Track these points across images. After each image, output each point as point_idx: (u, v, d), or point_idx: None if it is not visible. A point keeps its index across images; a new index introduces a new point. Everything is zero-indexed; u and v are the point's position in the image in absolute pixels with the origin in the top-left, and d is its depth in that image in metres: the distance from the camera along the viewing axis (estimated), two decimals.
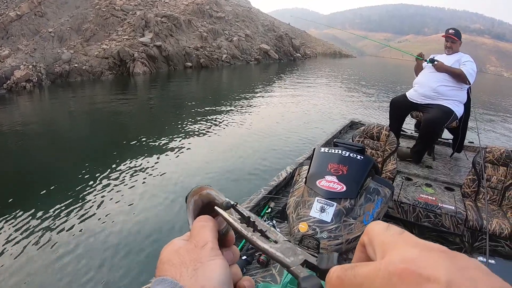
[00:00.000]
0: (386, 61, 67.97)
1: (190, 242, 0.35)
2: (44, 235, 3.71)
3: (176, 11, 26.58)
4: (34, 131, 8.48)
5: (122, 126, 9.03)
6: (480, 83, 40.68)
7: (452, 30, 3.68)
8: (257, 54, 30.13)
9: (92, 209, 4.28)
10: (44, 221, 3.99)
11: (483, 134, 9.35)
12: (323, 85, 18.38)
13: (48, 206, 4.32)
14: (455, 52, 3.66)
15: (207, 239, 0.35)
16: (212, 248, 0.34)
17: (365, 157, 2.17)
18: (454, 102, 3.45)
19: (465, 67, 3.41)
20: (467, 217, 2.38)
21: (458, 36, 3.63)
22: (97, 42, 19.69)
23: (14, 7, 18.41)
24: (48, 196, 4.63)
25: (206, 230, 0.36)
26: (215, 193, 0.41)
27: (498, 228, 2.28)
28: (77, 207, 4.32)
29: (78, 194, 4.66)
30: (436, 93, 3.48)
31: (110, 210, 4.25)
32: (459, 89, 3.47)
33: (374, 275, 0.22)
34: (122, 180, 5.11)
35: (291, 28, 50.51)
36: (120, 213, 4.18)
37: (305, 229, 1.87)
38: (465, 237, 2.39)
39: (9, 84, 14.33)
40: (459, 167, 3.61)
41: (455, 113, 3.43)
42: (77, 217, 4.10)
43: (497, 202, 2.67)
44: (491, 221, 2.34)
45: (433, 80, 3.52)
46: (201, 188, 0.41)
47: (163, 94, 14.34)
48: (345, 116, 9.67)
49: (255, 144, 6.99)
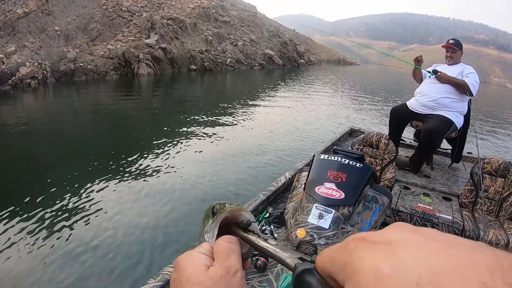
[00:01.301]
0: (390, 70, 68.05)
1: (221, 266, 0.34)
2: (40, 233, 3.73)
3: (182, 14, 26.74)
4: (38, 128, 8.52)
5: (125, 126, 9.07)
6: (483, 94, 40.66)
7: (452, 40, 3.67)
8: (261, 59, 30.24)
9: (91, 207, 4.30)
10: (42, 220, 4.01)
11: (482, 145, 9.35)
12: (325, 92, 18.41)
13: (48, 203, 4.34)
14: (456, 63, 3.66)
15: (238, 266, 0.35)
16: (241, 277, 0.34)
17: (364, 165, 2.18)
18: (455, 113, 3.46)
19: (468, 78, 3.40)
20: (464, 227, 2.39)
21: (459, 46, 3.63)
22: (103, 42, 19.82)
23: (21, 4, 18.57)
24: (48, 194, 4.65)
25: (235, 255, 0.36)
26: (249, 215, 0.42)
27: (495, 238, 2.29)
28: (76, 205, 4.34)
29: (79, 192, 4.68)
30: (437, 104, 3.49)
31: (108, 210, 4.27)
32: (460, 101, 3.48)
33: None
34: (122, 179, 5.14)
35: (296, 34, 50.72)
36: (118, 213, 4.20)
37: (303, 235, 1.88)
38: None
39: (14, 80, 14.43)
40: (457, 177, 3.62)
41: (455, 124, 3.45)
42: (76, 215, 4.12)
43: (494, 213, 2.68)
44: (488, 231, 2.35)
45: (435, 91, 3.53)
46: (239, 209, 0.42)
47: (167, 95, 14.39)
48: (346, 123, 9.68)
49: (254, 149, 7.01)
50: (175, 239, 3.68)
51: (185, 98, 13.72)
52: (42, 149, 6.96)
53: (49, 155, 6.54)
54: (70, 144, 7.28)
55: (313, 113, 11.67)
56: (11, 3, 18.57)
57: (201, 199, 4.61)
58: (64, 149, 6.88)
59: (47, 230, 3.78)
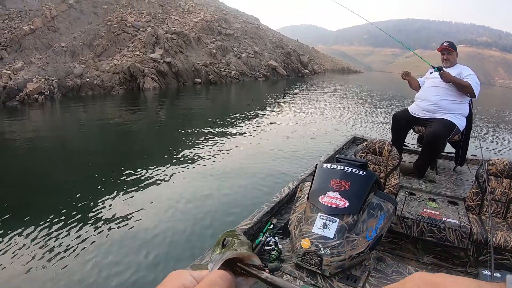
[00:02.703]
0: (393, 77, 67.98)
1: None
2: (47, 246, 3.75)
3: (186, 28, 27.08)
4: (45, 142, 8.62)
5: (131, 140, 9.13)
6: (488, 95, 40.41)
7: (447, 43, 3.67)
8: (266, 70, 30.40)
9: (97, 221, 4.31)
10: (46, 233, 4.03)
11: (486, 147, 9.26)
12: (329, 102, 18.42)
13: (56, 216, 4.37)
14: (453, 64, 3.63)
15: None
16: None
17: (367, 173, 2.16)
18: (456, 115, 3.44)
19: (469, 80, 3.39)
20: (471, 230, 2.35)
21: (454, 47, 3.62)
22: (109, 58, 20.10)
23: (28, 21, 18.99)
24: (55, 208, 4.68)
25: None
26: (256, 260, 0.43)
27: (503, 241, 2.25)
28: (83, 219, 4.36)
29: (86, 206, 4.70)
30: (437, 107, 3.47)
31: (114, 223, 4.28)
32: (461, 103, 3.45)
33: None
34: (128, 193, 5.16)
35: (299, 45, 51.03)
36: (125, 226, 4.21)
37: (308, 245, 1.86)
38: (470, 251, 2.36)
39: (22, 96, 14.67)
40: (462, 181, 3.57)
41: (457, 127, 3.42)
42: (82, 228, 4.13)
43: (502, 214, 2.64)
44: (496, 234, 2.30)
45: (434, 94, 3.51)
46: (249, 256, 0.43)
47: (173, 109, 14.50)
48: (350, 131, 9.66)
49: (258, 160, 7.00)
50: (176, 255, 3.66)
51: (191, 111, 13.81)
52: (49, 162, 7.03)
53: (56, 168, 6.59)
54: (77, 157, 7.33)
55: (316, 123, 11.65)
56: (17, 20, 18.98)
57: (207, 210, 4.61)
58: (71, 163, 6.94)
59: (53, 242, 3.79)
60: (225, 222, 4.16)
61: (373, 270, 1.94)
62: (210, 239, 3.81)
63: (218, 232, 3.52)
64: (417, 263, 2.28)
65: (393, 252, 2.38)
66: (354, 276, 1.87)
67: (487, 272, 1.78)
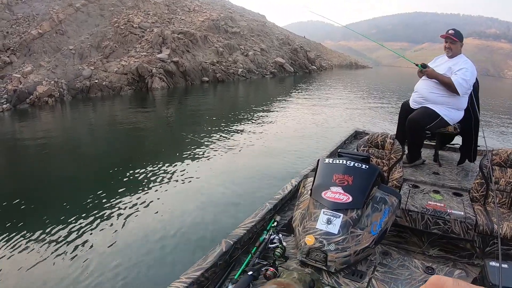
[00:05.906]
0: (402, 70, 67.18)
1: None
2: (57, 247, 3.81)
3: (192, 27, 27.14)
4: (56, 144, 8.76)
5: (141, 139, 9.21)
6: (497, 88, 39.79)
7: (452, 31, 3.49)
8: (273, 67, 30.30)
9: (107, 222, 4.37)
10: (56, 234, 4.09)
11: (493, 138, 9.16)
12: (337, 97, 18.30)
13: (65, 217, 4.44)
14: (456, 54, 3.47)
15: None
16: None
17: (370, 166, 2.14)
18: (445, 107, 3.39)
19: (455, 76, 3.26)
20: (477, 222, 2.32)
21: (459, 37, 3.44)
22: (116, 59, 20.26)
23: (36, 26, 19.23)
24: (66, 209, 4.75)
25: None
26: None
27: (509, 231, 2.22)
28: (93, 219, 4.42)
29: (96, 207, 4.77)
30: (425, 100, 3.47)
31: (124, 224, 4.34)
32: (452, 96, 3.35)
33: None
34: (138, 192, 5.22)
35: (306, 41, 50.70)
36: (134, 228, 4.26)
37: (312, 242, 1.84)
38: (476, 243, 2.33)
39: (32, 98, 14.86)
40: (466, 172, 3.52)
41: (442, 117, 3.38)
42: (92, 229, 4.20)
43: (507, 205, 2.60)
44: (502, 224, 2.27)
45: (424, 86, 3.51)
46: (289, 285, 0.45)
47: (181, 108, 14.59)
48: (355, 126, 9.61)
49: (261, 158, 7.03)
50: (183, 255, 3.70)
51: (199, 110, 13.87)
52: (60, 163, 7.14)
53: (67, 169, 6.69)
54: (88, 158, 7.44)
55: (322, 119, 11.59)
56: (25, 24, 19.23)
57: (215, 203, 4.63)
58: (82, 163, 7.04)
59: (58, 243, 3.86)
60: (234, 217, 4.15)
61: (379, 265, 1.93)
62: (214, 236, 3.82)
63: (225, 230, 3.53)
64: (423, 256, 2.26)
65: (398, 246, 2.36)
66: (360, 272, 1.86)
67: (494, 263, 1.76)
